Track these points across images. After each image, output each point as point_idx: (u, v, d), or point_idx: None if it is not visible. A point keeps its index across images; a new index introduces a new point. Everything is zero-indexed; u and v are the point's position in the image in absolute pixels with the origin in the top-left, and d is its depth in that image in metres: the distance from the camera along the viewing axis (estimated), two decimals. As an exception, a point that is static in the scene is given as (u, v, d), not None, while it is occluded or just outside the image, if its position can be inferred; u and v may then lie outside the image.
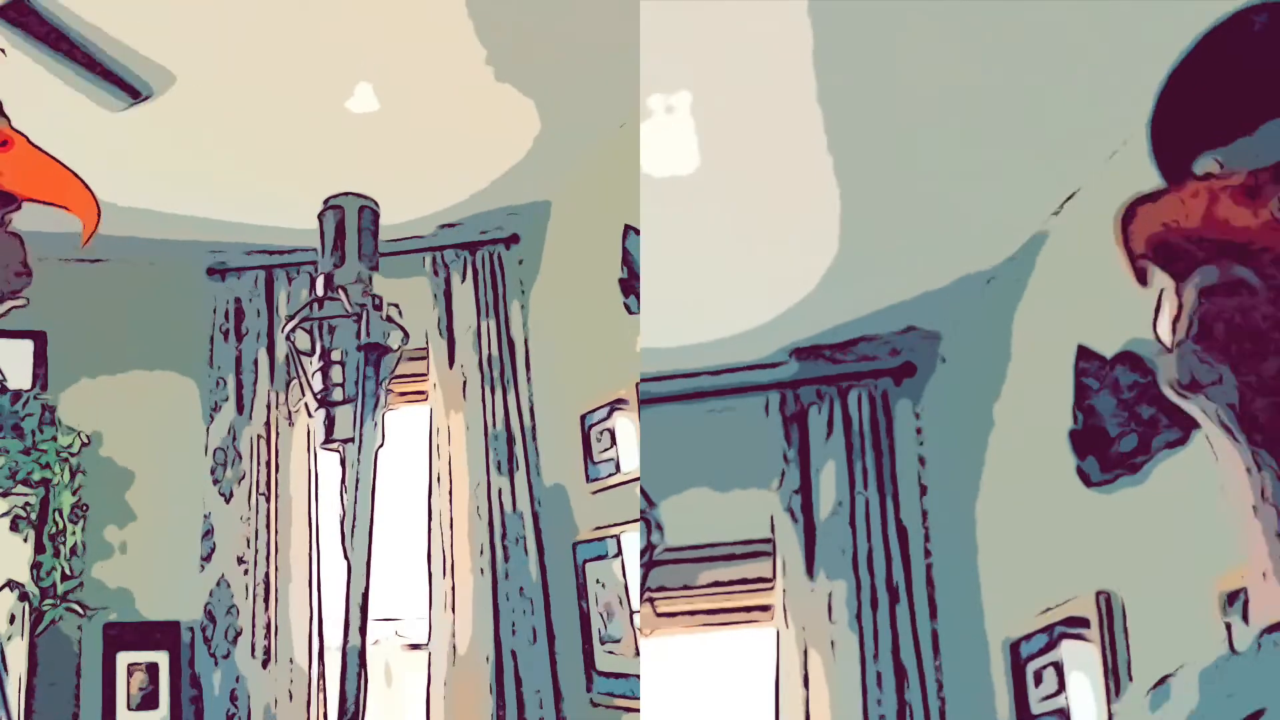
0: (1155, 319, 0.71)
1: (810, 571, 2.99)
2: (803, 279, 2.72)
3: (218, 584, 3.16)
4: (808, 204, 2.39)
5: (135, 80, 2.28)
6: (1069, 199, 2.27)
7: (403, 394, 3.27)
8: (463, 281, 3.26)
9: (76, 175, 0.94)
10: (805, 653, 2.94)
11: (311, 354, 1.39)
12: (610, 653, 2.80)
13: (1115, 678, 2.16)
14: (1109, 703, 2.15)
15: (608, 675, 2.82)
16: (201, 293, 3.35)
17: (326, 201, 1.43)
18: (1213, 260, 0.67)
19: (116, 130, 2.53)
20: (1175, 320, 0.68)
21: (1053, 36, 1.84)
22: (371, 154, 2.76)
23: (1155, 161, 0.78)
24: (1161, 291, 0.71)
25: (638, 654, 2.68)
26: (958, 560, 2.88)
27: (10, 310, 0.92)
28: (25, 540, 3.04)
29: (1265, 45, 0.74)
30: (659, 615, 3.14)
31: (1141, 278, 0.70)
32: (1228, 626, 0.68)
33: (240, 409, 3.27)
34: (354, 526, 1.32)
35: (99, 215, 0.95)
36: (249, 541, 3.17)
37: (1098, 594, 2.20)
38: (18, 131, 0.92)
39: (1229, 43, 0.75)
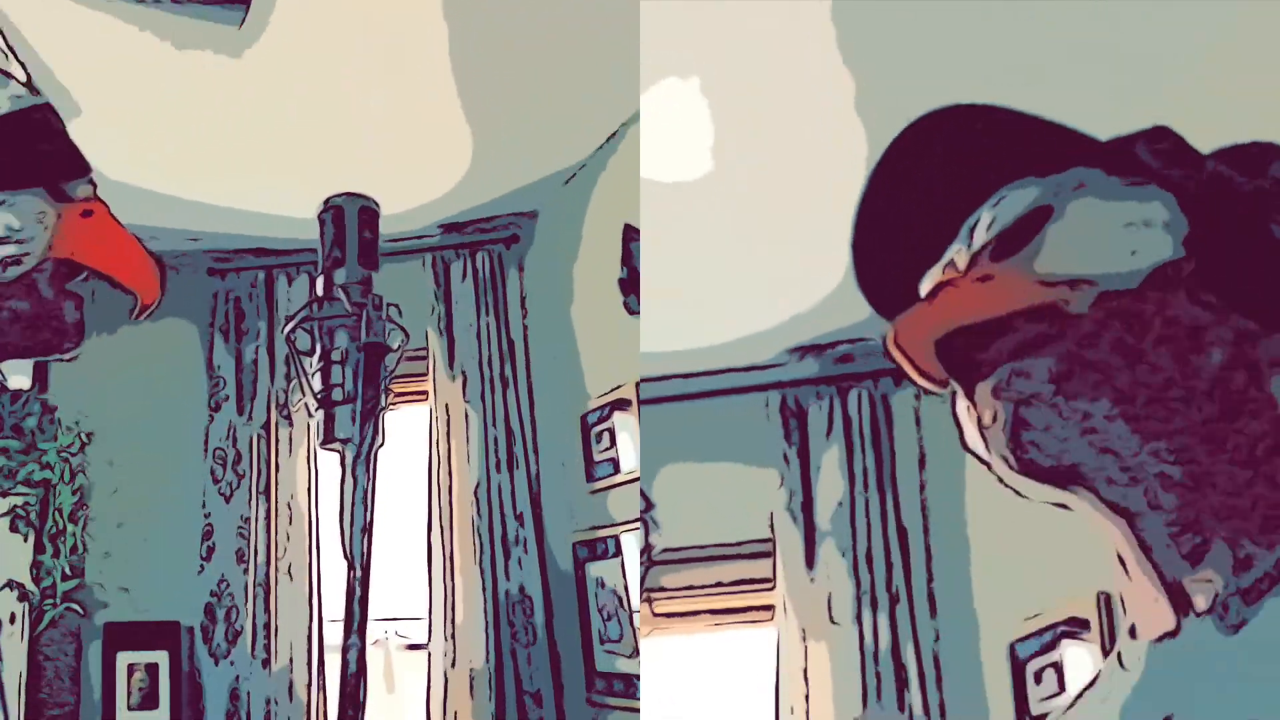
0: (962, 436, 0.77)
1: (810, 572, 2.99)
2: (803, 279, 2.72)
3: (218, 584, 3.15)
4: (808, 204, 2.39)
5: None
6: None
7: (403, 394, 3.27)
8: (463, 281, 3.26)
9: (148, 251, 0.96)
10: (805, 653, 2.94)
11: (311, 354, 1.39)
12: (610, 653, 2.80)
13: (1115, 678, 2.15)
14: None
15: (607, 675, 2.82)
16: (201, 292, 3.35)
17: (326, 201, 1.43)
18: (993, 361, 0.72)
19: (116, 130, 2.54)
20: (981, 425, 0.73)
21: (1071, 33, 1.84)
22: (372, 154, 2.76)
23: (870, 302, 0.83)
24: (953, 405, 0.77)
25: (637, 654, 2.68)
26: (958, 560, 2.88)
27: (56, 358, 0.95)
28: (25, 540, 3.04)
29: (941, 154, 0.79)
30: (658, 615, 3.14)
31: (943, 382, 0.76)
32: (1119, 654, 0.72)
33: (240, 409, 3.27)
34: (354, 526, 1.32)
35: (159, 299, 0.98)
36: (249, 541, 3.17)
37: (1098, 594, 2.20)
38: (102, 203, 0.94)
39: (907, 167, 0.81)
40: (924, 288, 0.79)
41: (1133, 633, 0.72)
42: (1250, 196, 0.71)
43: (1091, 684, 0.76)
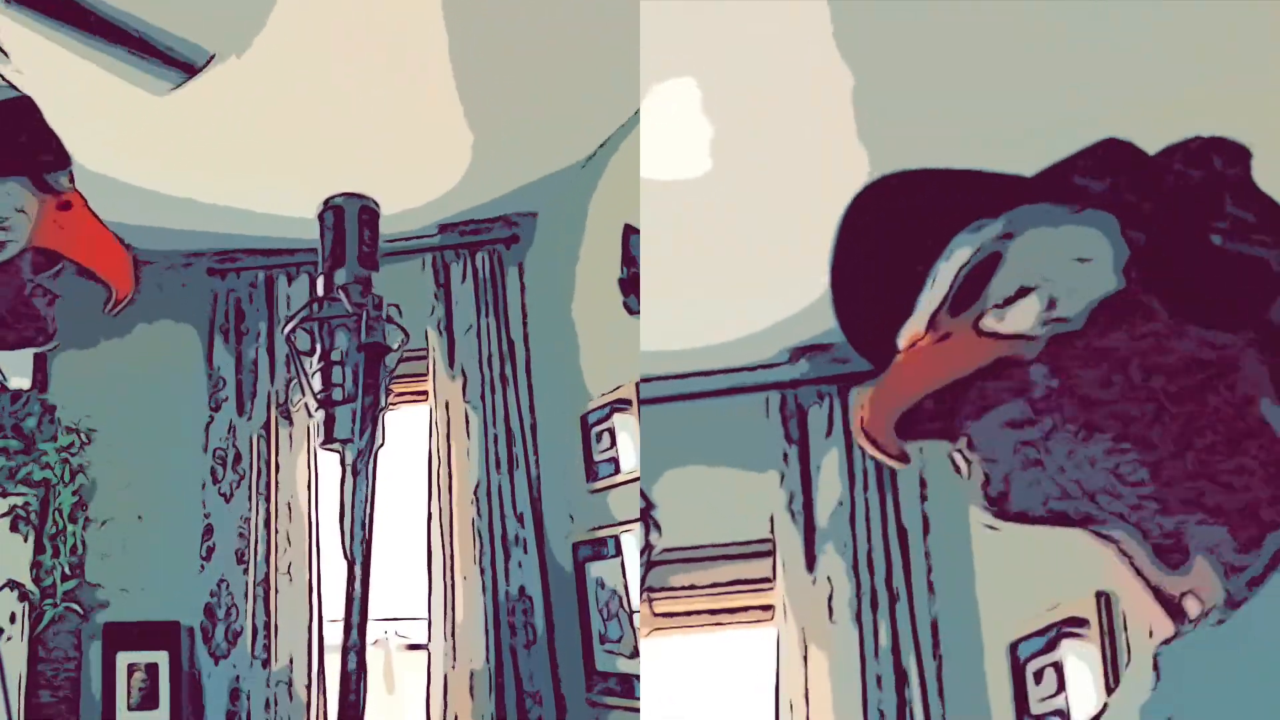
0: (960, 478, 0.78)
1: (810, 572, 2.99)
2: (803, 279, 2.72)
3: (218, 584, 3.15)
4: (808, 204, 2.39)
5: (186, 51, 2.12)
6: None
7: (402, 394, 3.27)
8: (463, 281, 3.26)
9: (123, 245, 0.97)
10: (805, 653, 2.94)
11: (311, 354, 1.39)
12: (610, 653, 2.80)
13: (1115, 678, 2.16)
14: (1109, 703, 2.15)
15: (607, 675, 2.82)
16: (201, 292, 3.35)
17: (326, 201, 1.43)
18: (962, 421, 0.75)
19: (116, 130, 2.54)
20: (966, 483, 0.76)
21: (1072, 32, 1.84)
22: (371, 154, 2.76)
23: (859, 353, 0.87)
24: (950, 454, 0.79)
25: (637, 654, 2.68)
26: (958, 560, 2.88)
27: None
28: (25, 540, 3.04)
29: (896, 212, 0.82)
30: (658, 615, 3.14)
31: (904, 459, 0.79)
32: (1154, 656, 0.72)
33: (240, 409, 3.27)
34: (354, 526, 1.32)
35: (133, 291, 0.99)
36: (249, 541, 3.17)
37: (1098, 594, 2.20)
38: (81, 196, 0.95)
39: (865, 227, 0.84)
40: (901, 342, 0.82)
41: (1151, 634, 0.74)
42: (1191, 192, 0.72)
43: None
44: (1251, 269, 0.70)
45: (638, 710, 2.63)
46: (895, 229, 0.82)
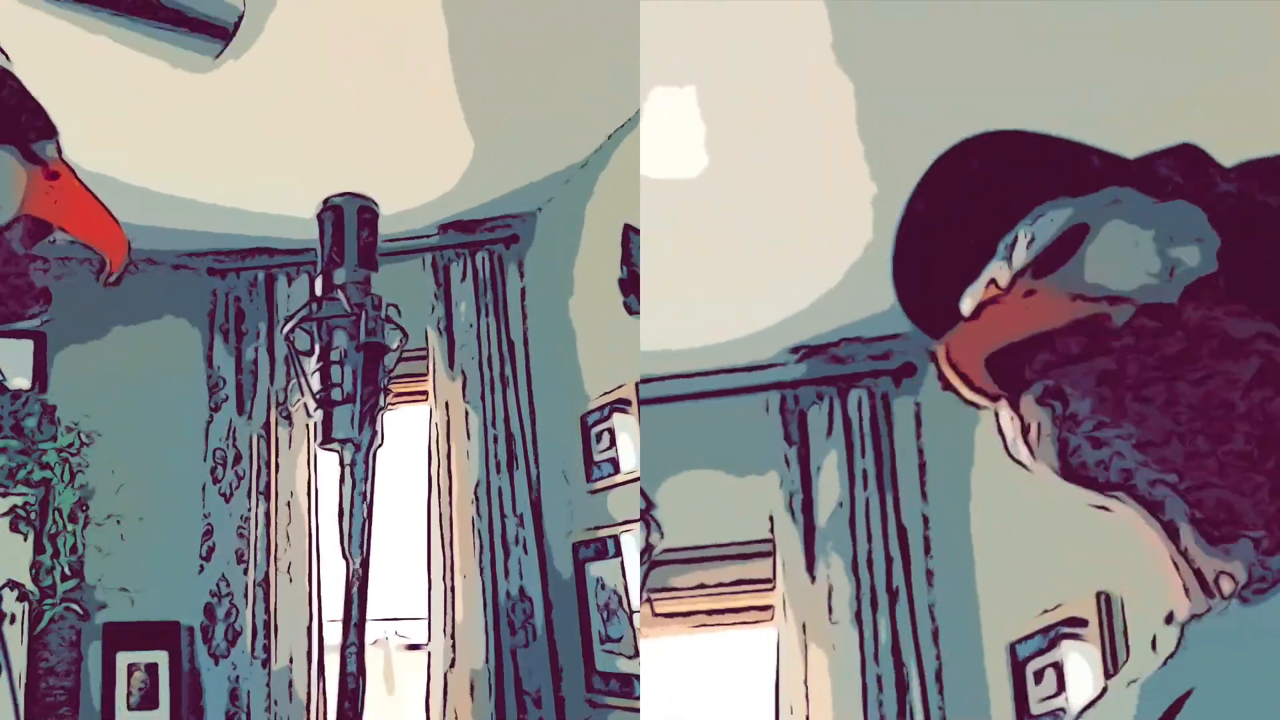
0: (1004, 443, 0.79)
1: (810, 571, 2.99)
2: (803, 279, 2.72)
3: (218, 584, 3.16)
4: (808, 203, 2.40)
5: (217, 12, 2.09)
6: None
7: (402, 394, 3.27)
8: (463, 281, 3.26)
9: (111, 215, 0.97)
10: (805, 653, 2.94)
11: (311, 354, 1.39)
12: (610, 653, 2.80)
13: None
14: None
15: (607, 675, 2.82)
16: (201, 292, 3.35)
17: (325, 201, 1.43)
18: (1037, 374, 0.75)
19: (116, 130, 2.54)
20: (1026, 435, 0.76)
21: (1074, 30, 1.84)
22: (372, 154, 2.76)
23: (914, 322, 0.87)
24: (996, 415, 0.79)
25: (637, 654, 2.68)
26: (958, 560, 2.88)
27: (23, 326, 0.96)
28: (25, 540, 3.04)
29: (975, 177, 0.82)
30: (659, 615, 3.14)
31: (998, 396, 0.78)
32: (1153, 640, 0.74)
33: (240, 409, 3.27)
34: (353, 526, 1.32)
35: (126, 256, 0.99)
36: (249, 541, 3.17)
37: (1098, 594, 2.20)
38: (67, 165, 0.95)
39: (943, 190, 0.84)
40: (965, 306, 0.82)
41: (1169, 619, 0.74)
42: (1275, 211, 0.74)
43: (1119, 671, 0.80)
44: None
45: (638, 710, 2.63)
46: (975, 192, 0.82)
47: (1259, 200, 0.75)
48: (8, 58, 0.95)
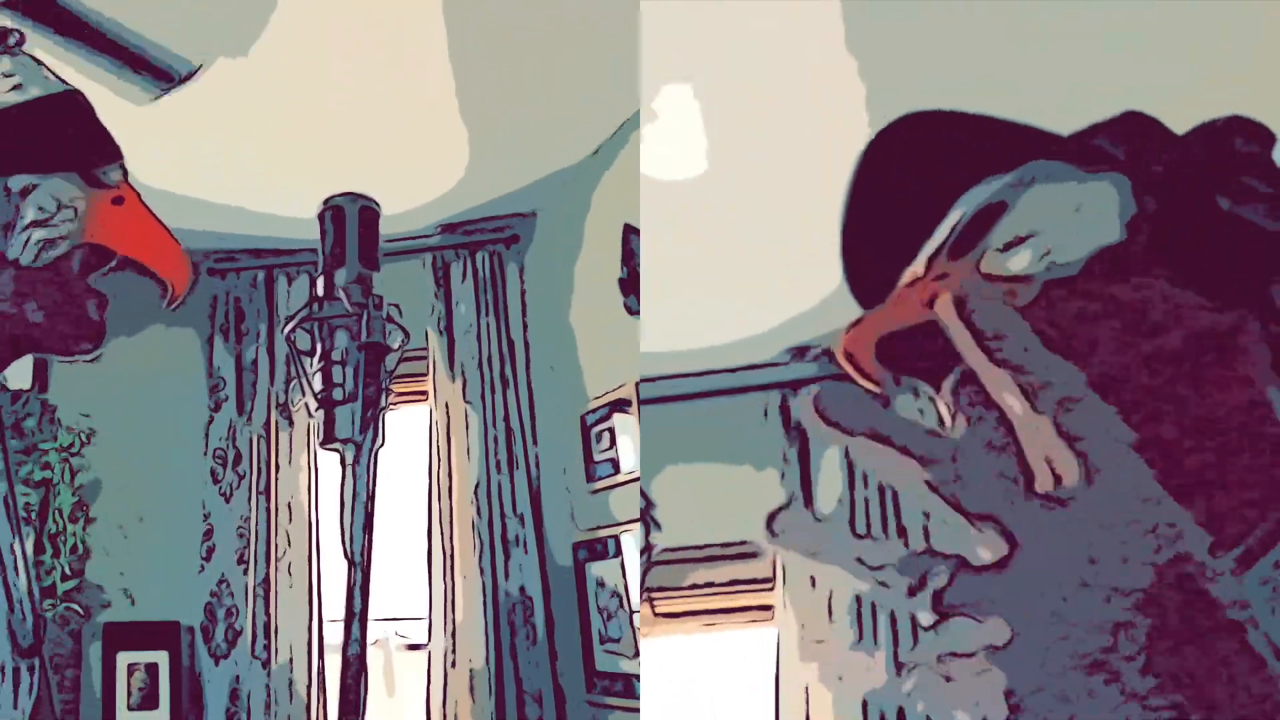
0: (939, 420, 0.76)
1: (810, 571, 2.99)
2: (803, 279, 2.72)
3: (218, 584, 3.16)
4: (808, 204, 2.39)
5: (170, 61, 2.14)
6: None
7: (403, 394, 3.27)
8: (463, 282, 3.26)
9: (174, 238, 0.95)
10: (805, 653, 2.94)
11: (311, 354, 1.39)
12: (610, 653, 2.80)
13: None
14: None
15: (607, 675, 2.82)
16: (201, 292, 3.35)
17: (326, 201, 1.43)
18: (949, 357, 0.72)
19: (115, 129, 2.53)
20: (946, 425, 0.74)
21: (1079, 33, 1.84)
22: (372, 154, 2.76)
23: (855, 297, 0.85)
24: (931, 397, 0.76)
25: (637, 654, 2.68)
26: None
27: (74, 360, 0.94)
28: (25, 540, 3.04)
29: (914, 157, 0.81)
30: (659, 615, 3.14)
31: (881, 384, 0.76)
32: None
33: (240, 409, 3.27)
34: (354, 526, 1.32)
35: (189, 284, 0.97)
36: (249, 541, 3.17)
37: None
38: (133, 189, 0.93)
39: (882, 172, 0.83)
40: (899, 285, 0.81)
41: None
42: (1208, 170, 0.72)
43: None
44: (1258, 242, 0.69)
45: (638, 710, 2.63)
46: (915, 171, 0.81)
47: (1196, 161, 0.72)
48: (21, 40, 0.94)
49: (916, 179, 0.81)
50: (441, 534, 3.11)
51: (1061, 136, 0.79)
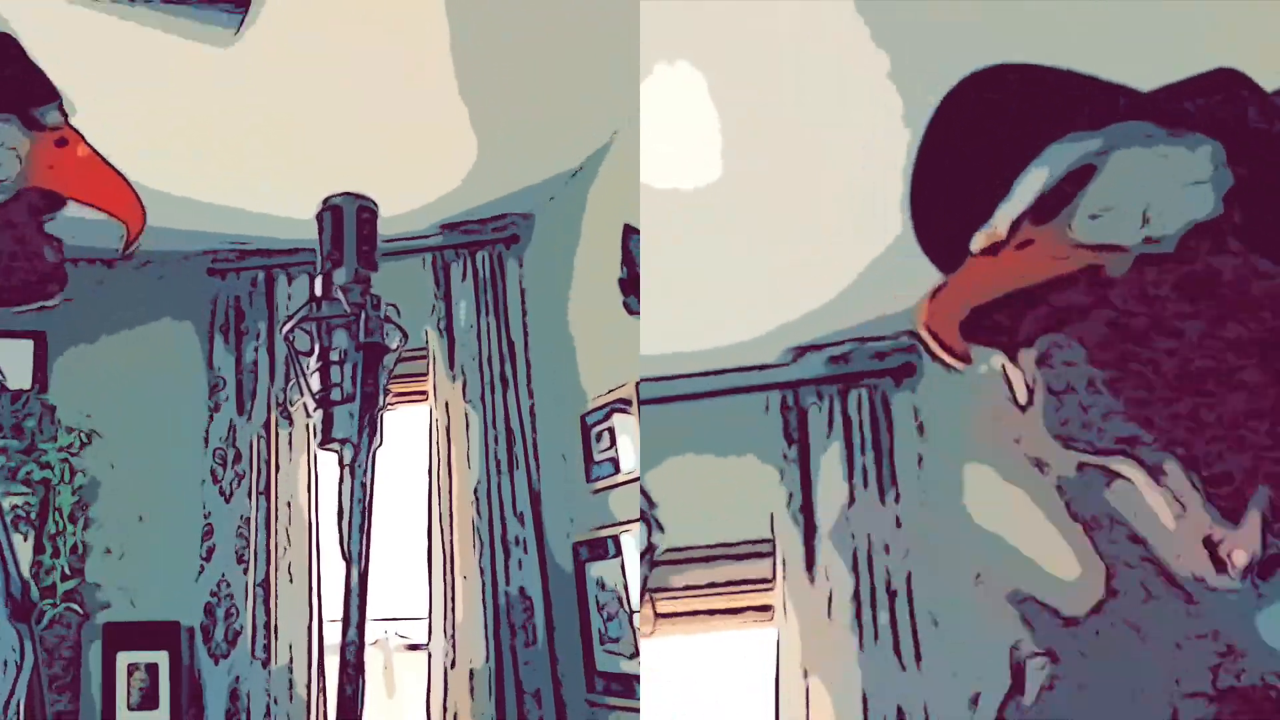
0: (1011, 393, 0.74)
1: (810, 571, 2.99)
2: (803, 279, 2.72)
3: (218, 584, 3.15)
4: (808, 204, 2.39)
5: None
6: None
7: (402, 394, 3.27)
8: (463, 281, 3.26)
9: (126, 181, 0.92)
10: (805, 653, 2.93)
11: (310, 354, 1.39)
12: (610, 653, 2.80)
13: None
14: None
15: (607, 675, 2.82)
16: (201, 292, 3.35)
17: (325, 201, 1.43)
18: (1031, 328, 0.70)
19: (114, 129, 2.53)
20: (1028, 399, 0.72)
21: (1069, 35, 1.84)
22: (372, 154, 2.76)
23: (930, 258, 0.81)
24: (1004, 366, 0.75)
25: (638, 654, 2.68)
26: (958, 560, 2.87)
27: (40, 307, 0.91)
28: (25, 540, 3.04)
29: (994, 111, 0.78)
30: (659, 615, 3.14)
31: (967, 358, 0.74)
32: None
33: (240, 409, 3.27)
34: (353, 526, 1.32)
35: (143, 224, 0.94)
36: (249, 541, 3.17)
37: (1097, 594, 2.20)
38: (75, 131, 0.90)
39: (957, 124, 0.79)
40: (974, 247, 0.77)
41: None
42: None
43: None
44: None
45: (638, 710, 2.63)
46: (990, 126, 0.77)
47: None
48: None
49: (992, 134, 0.78)
50: (441, 534, 3.11)
51: (1145, 93, 0.74)
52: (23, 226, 0.86)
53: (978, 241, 0.77)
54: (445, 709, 3.01)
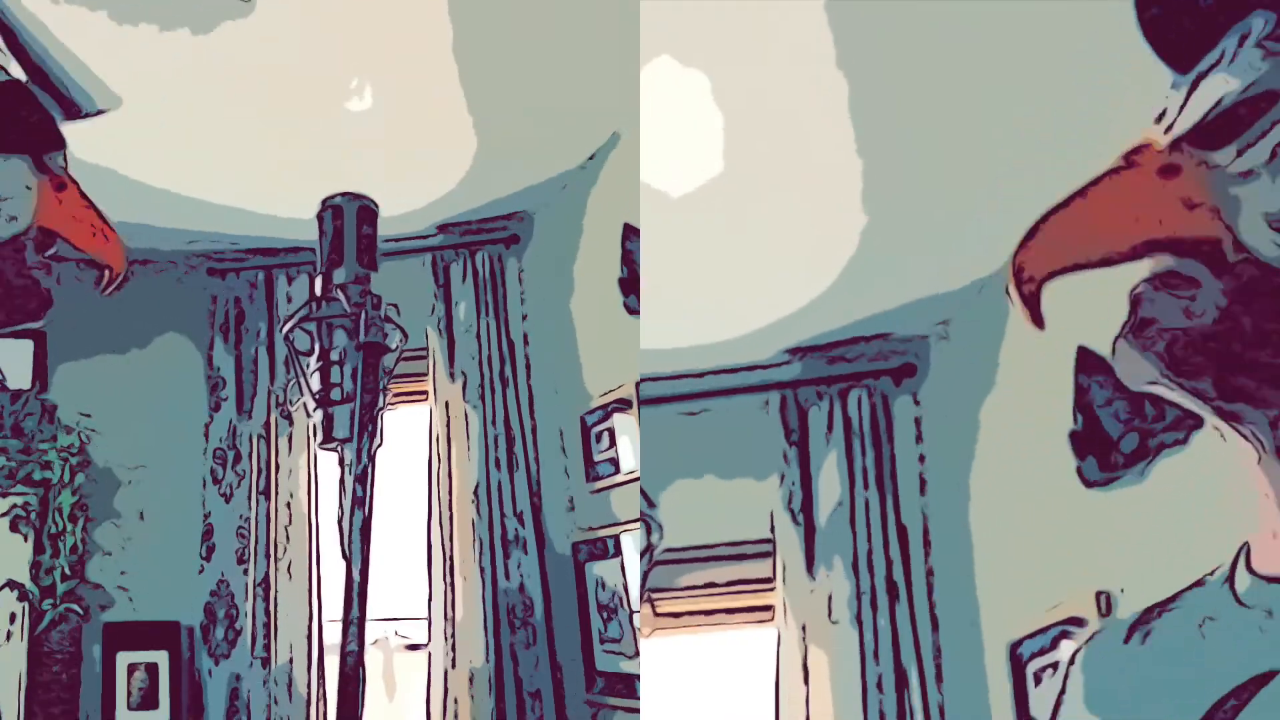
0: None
1: (810, 571, 2.99)
2: (803, 279, 2.72)
3: (218, 584, 3.15)
4: (807, 204, 2.39)
5: (81, 95, 2.14)
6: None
7: (402, 394, 3.27)
8: (463, 282, 3.26)
9: (111, 227, 0.99)
10: (805, 653, 2.94)
11: (310, 354, 1.39)
12: (610, 653, 2.80)
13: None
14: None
15: (608, 675, 2.82)
16: (201, 292, 3.35)
17: (325, 201, 1.43)
18: (1141, 253, 0.61)
19: (115, 130, 2.53)
20: (1140, 327, 0.64)
21: (1069, 35, 1.84)
22: (371, 154, 2.75)
23: (1160, 57, 0.69)
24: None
25: (638, 654, 2.68)
26: (958, 560, 2.87)
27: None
28: (25, 540, 3.04)
29: None
30: (659, 615, 3.14)
31: (1039, 324, 0.65)
32: (1228, 576, 0.65)
33: (240, 409, 3.27)
34: (353, 526, 1.32)
35: (125, 271, 1.01)
36: (249, 541, 3.17)
37: (1097, 594, 2.20)
38: (71, 177, 0.97)
39: None
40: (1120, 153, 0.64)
41: (1249, 563, 0.64)
42: None
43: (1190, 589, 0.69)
44: None
45: (638, 710, 2.63)
46: None
47: None
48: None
49: None
50: (441, 534, 3.11)
51: None
52: (24, 258, 0.93)
53: (1111, 164, 0.64)
54: (445, 709, 3.01)
